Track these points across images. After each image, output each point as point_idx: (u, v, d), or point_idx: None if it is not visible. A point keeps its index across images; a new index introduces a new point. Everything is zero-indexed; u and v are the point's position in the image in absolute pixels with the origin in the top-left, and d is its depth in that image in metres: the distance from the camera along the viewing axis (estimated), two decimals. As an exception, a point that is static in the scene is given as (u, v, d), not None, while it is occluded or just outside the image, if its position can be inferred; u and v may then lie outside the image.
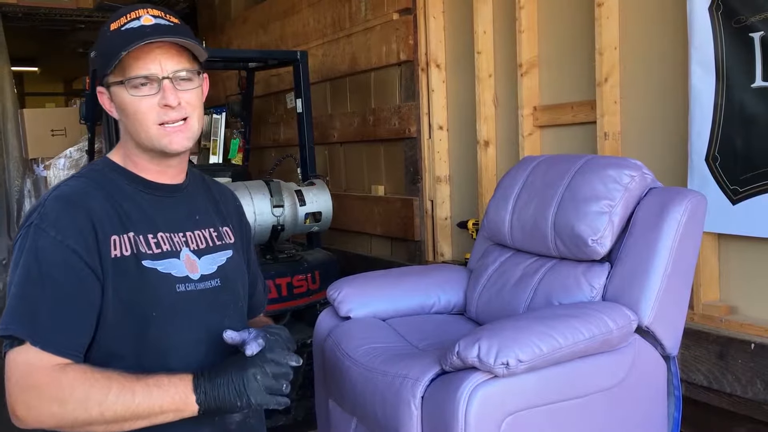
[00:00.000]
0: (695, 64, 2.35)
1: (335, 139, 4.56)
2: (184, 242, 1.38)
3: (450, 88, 3.72)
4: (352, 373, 2.02)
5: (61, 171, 5.04)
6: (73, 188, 1.33)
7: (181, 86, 1.33)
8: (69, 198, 1.30)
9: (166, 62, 1.31)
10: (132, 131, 1.35)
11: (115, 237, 1.30)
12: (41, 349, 1.22)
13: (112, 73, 1.32)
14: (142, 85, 1.31)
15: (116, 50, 1.28)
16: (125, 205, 1.33)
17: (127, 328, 1.30)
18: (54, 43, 8.80)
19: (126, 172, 1.38)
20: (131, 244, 1.31)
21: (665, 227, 1.97)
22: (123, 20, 1.33)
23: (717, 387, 2.35)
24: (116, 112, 1.36)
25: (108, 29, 1.34)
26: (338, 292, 2.37)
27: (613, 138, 2.72)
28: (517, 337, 1.72)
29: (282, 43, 5.14)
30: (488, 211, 2.49)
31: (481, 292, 2.39)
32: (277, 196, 3.19)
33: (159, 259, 1.33)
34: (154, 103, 1.31)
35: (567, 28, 2.99)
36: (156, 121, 1.32)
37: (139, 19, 1.32)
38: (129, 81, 1.30)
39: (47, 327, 1.23)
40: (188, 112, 1.34)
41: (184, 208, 1.44)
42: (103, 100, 1.38)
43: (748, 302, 2.38)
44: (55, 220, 1.27)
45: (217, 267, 1.42)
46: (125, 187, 1.36)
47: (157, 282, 1.32)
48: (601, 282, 2.05)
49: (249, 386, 1.25)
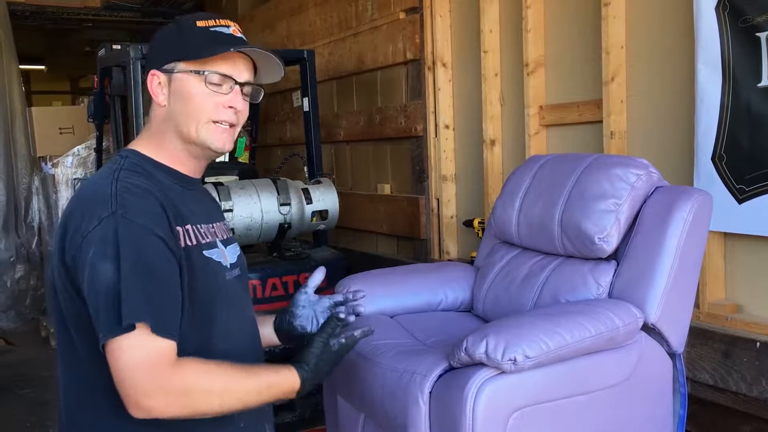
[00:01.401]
0: (701, 63, 2.36)
1: (342, 137, 4.58)
2: (215, 233, 1.44)
3: (456, 87, 3.73)
4: (361, 369, 2.03)
5: (69, 169, 5.06)
6: (135, 182, 1.33)
7: (244, 97, 1.42)
8: (139, 188, 1.32)
9: (243, 71, 1.41)
10: (181, 121, 1.39)
11: (179, 228, 1.33)
12: (159, 336, 1.22)
13: (191, 62, 1.37)
14: (219, 84, 1.38)
15: (211, 44, 1.37)
16: (173, 199, 1.36)
17: (194, 315, 1.33)
18: (61, 42, 8.84)
19: (161, 165, 1.41)
20: (191, 235, 1.36)
21: (671, 226, 1.98)
22: (212, 22, 1.41)
23: (722, 385, 2.36)
24: (168, 99, 1.39)
25: (193, 24, 1.41)
26: (347, 289, 2.39)
27: (619, 137, 2.73)
28: (524, 333, 1.73)
29: (289, 42, 5.16)
30: (495, 209, 2.50)
31: (488, 290, 2.41)
32: (283, 195, 3.21)
33: (210, 249, 1.39)
34: (221, 101, 1.38)
35: (573, 28, 3.00)
36: (211, 117, 1.38)
37: (229, 28, 1.42)
38: (211, 74, 1.37)
39: (163, 314, 1.24)
40: (238, 120, 1.42)
41: (204, 201, 1.51)
42: (152, 84, 1.40)
43: (754, 301, 2.38)
44: (137, 210, 1.28)
45: (236, 257, 1.49)
46: (165, 180, 1.39)
47: (216, 270, 1.39)
48: (607, 280, 2.06)
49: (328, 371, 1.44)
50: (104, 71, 3.73)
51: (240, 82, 1.40)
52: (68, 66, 10.55)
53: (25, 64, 7.27)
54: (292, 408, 3.08)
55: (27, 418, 3.65)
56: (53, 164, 5.12)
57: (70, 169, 5.06)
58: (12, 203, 5.58)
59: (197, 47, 1.38)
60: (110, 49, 3.69)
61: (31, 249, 5.60)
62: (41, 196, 5.56)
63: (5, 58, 5.63)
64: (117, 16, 6.77)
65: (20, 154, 5.63)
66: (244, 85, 1.41)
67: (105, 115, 4.13)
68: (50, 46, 9.37)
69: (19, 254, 5.57)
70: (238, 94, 1.40)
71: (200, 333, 1.35)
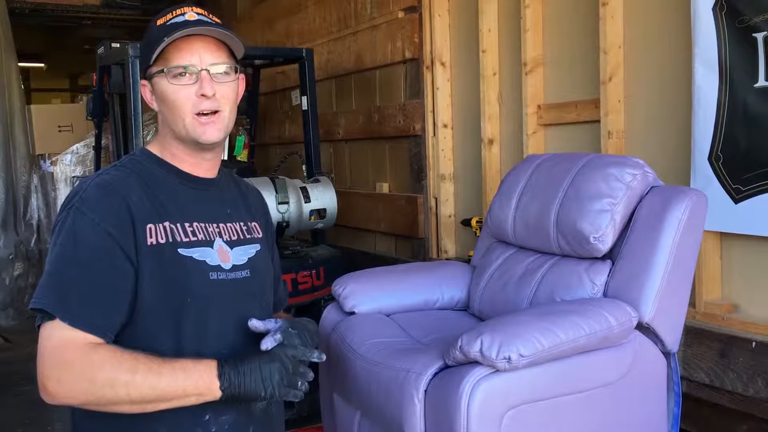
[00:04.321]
0: (699, 63, 2.36)
1: (340, 136, 4.58)
2: (217, 233, 1.44)
3: (455, 86, 3.74)
4: (357, 367, 2.04)
5: (68, 167, 5.07)
6: (114, 177, 1.38)
7: (217, 79, 1.39)
8: (109, 185, 1.36)
9: (205, 55, 1.38)
10: (170, 121, 1.41)
11: (151, 225, 1.35)
12: (70, 326, 1.26)
13: (155, 63, 1.39)
14: (181, 75, 1.37)
15: (160, 41, 1.36)
16: (162, 196, 1.39)
17: (165, 313, 1.35)
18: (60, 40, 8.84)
19: (164, 163, 1.44)
20: (167, 232, 1.36)
21: (666, 225, 1.99)
22: (169, 16, 1.41)
23: (718, 385, 2.36)
24: (156, 104, 1.43)
25: (155, 24, 1.42)
26: (343, 287, 2.40)
27: (616, 136, 2.73)
28: (519, 332, 1.74)
29: (288, 41, 5.16)
30: (492, 208, 2.50)
31: (484, 289, 2.41)
32: (282, 193, 3.21)
33: (194, 247, 1.38)
34: (191, 92, 1.38)
35: (572, 27, 3.00)
36: (192, 111, 1.38)
37: (184, 15, 1.39)
38: (170, 70, 1.37)
39: (78, 304, 1.28)
40: (221, 105, 1.40)
41: (217, 201, 1.49)
42: (144, 93, 1.45)
43: (750, 301, 2.39)
44: (95, 204, 1.32)
45: (247, 258, 1.47)
46: (162, 177, 1.42)
47: (193, 269, 1.37)
48: (602, 279, 2.07)
49: (273, 378, 1.31)
50: (103, 69, 3.74)
51: (202, 68, 1.37)
52: (67, 64, 10.57)
53: (24, 61, 7.28)
54: (290, 406, 3.08)
55: (26, 415, 3.65)
56: (52, 162, 5.13)
57: (69, 167, 5.07)
58: (11, 201, 5.58)
59: (151, 47, 1.39)
60: (109, 47, 3.70)
61: (29, 246, 5.61)
62: (40, 194, 5.57)
63: (4, 56, 5.62)
64: (116, 13, 6.77)
65: (19, 152, 5.63)
66: (210, 68, 1.38)
67: (104, 113, 4.13)
68: (50, 44, 9.37)
69: (18, 252, 5.58)
70: (206, 79, 1.37)
71: (171, 329, 1.35)
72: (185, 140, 1.42)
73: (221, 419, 1.39)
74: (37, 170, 5.58)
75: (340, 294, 2.39)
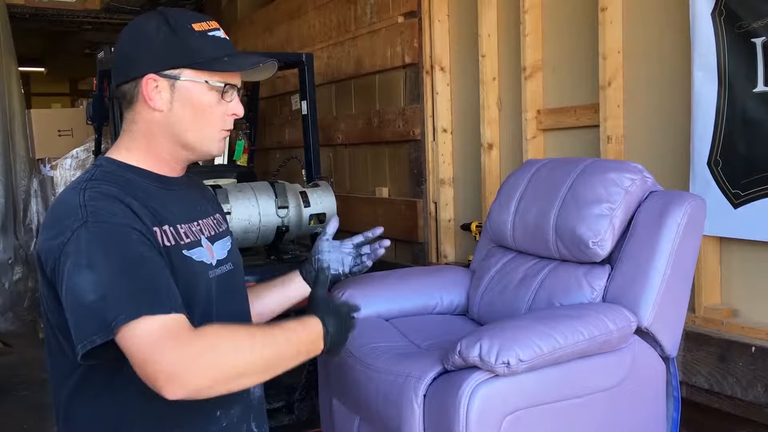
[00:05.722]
0: (698, 68, 2.37)
1: (340, 141, 4.59)
2: (200, 230, 1.42)
3: (454, 91, 3.74)
4: (356, 371, 2.04)
5: (68, 171, 5.06)
6: (105, 190, 1.29)
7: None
8: (108, 194, 1.28)
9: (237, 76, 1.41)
10: (183, 128, 1.36)
11: (156, 228, 1.30)
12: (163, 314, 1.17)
13: (201, 71, 1.35)
14: (226, 92, 1.38)
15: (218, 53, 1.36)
16: (150, 201, 1.33)
17: None
18: (61, 44, 8.85)
19: (137, 169, 1.37)
20: (169, 234, 1.33)
21: (665, 230, 1.99)
22: (205, 25, 1.37)
23: (718, 390, 2.36)
24: (166, 104, 1.35)
25: (189, 27, 1.35)
26: (342, 292, 2.40)
27: (616, 141, 2.73)
28: (518, 336, 1.74)
29: (288, 46, 5.17)
30: (491, 213, 2.51)
31: (484, 293, 2.41)
32: (281, 198, 3.21)
33: (191, 248, 1.36)
34: (225, 111, 1.39)
35: (571, 32, 3.01)
36: (221, 127, 1.39)
37: (219, 31, 1.39)
38: (227, 86, 1.37)
39: (157, 295, 1.19)
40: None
41: (189, 199, 1.47)
42: (149, 88, 1.34)
43: (750, 305, 2.39)
44: (109, 214, 1.24)
45: (227, 252, 1.47)
46: (141, 184, 1.35)
47: (198, 270, 1.36)
48: (601, 284, 2.07)
49: (349, 327, 1.45)
50: (103, 73, 3.75)
51: (238, 88, 1.40)
52: (68, 68, 10.57)
53: (24, 65, 7.29)
54: (289, 410, 3.08)
55: (25, 419, 3.65)
56: (52, 166, 5.13)
57: (69, 171, 5.07)
58: (11, 205, 5.59)
59: (208, 56, 1.35)
60: (109, 52, 3.70)
61: (29, 251, 5.60)
62: (40, 198, 5.57)
63: (5, 60, 5.64)
64: (117, 18, 6.78)
65: (19, 156, 5.63)
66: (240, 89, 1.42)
67: (104, 118, 4.14)
68: (50, 48, 9.39)
69: (18, 256, 5.58)
70: (237, 100, 1.40)
71: None
72: (193, 150, 1.39)
73: (230, 413, 1.40)
74: (37, 174, 5.58)
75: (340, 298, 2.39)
